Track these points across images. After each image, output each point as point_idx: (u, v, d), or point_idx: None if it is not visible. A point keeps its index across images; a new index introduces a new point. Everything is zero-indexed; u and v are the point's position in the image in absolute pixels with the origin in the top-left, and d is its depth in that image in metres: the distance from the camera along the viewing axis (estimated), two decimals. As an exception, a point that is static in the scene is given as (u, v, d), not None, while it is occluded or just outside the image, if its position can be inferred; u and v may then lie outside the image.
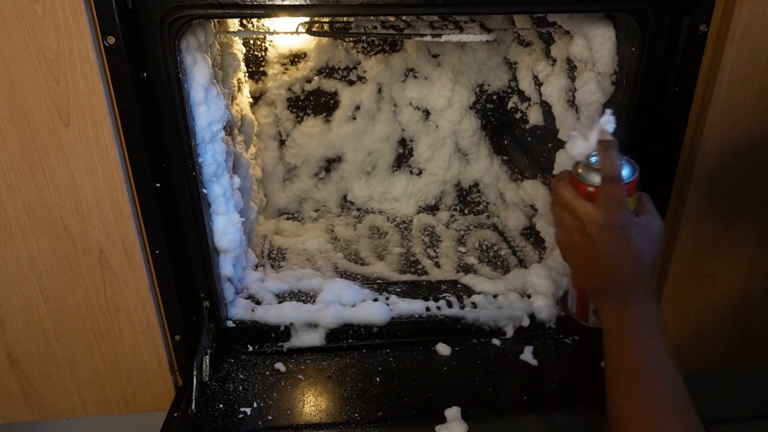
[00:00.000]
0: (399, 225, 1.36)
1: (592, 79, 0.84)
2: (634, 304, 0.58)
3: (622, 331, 0.58)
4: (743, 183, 0.78)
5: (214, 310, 0.84)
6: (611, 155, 0.59)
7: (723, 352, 0.92)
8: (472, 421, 0.74)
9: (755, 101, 0.73)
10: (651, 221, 0.61)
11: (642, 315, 0.58)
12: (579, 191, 0.61)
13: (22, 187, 0.70)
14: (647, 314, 0.58)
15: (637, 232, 0.58)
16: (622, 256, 0.58)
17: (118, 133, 0.69)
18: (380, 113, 1.35)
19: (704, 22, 0.70)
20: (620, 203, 0.58)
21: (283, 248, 1.24)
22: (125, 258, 0.75)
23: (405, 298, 0.97)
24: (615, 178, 0.58)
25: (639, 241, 0.58)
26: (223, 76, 1.00)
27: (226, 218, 0.84)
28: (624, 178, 0.59)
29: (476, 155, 1.41)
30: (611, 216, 0.58)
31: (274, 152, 1.37)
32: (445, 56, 1.30)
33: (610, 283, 0.59)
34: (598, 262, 0.59)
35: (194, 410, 0.77)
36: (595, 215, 0.59)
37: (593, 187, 0.60)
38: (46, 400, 0.84)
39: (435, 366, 0.86)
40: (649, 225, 0.60)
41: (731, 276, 0.85)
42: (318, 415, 0.77)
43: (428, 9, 0.70)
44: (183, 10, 0.66)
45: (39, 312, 0.78)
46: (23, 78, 0.64)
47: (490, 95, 1.35)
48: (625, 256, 0.58)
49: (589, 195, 0.60)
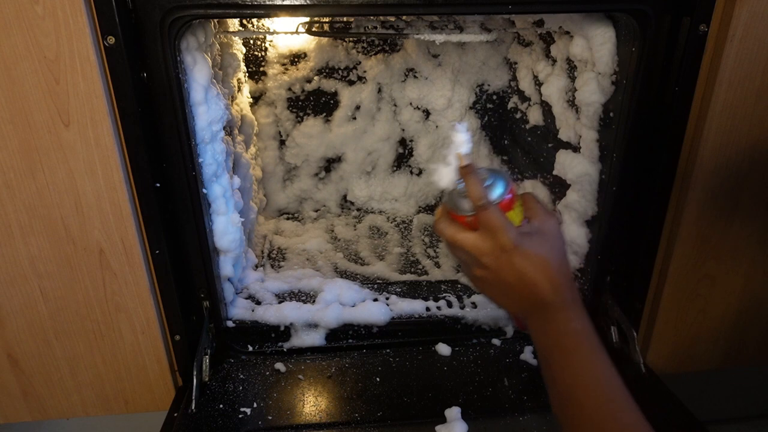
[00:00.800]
0: (399, 225, 1.36)
1: (592, 79, 0.84)
2: (560, 317, 0.55)
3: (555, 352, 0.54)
4: (743, 183, 0.78)
5: (214, 310, 0.84)
6: (474, 181, 0.57)
7: (723, 352, 0.92)
8: (472, 421, 0.74)
9: (755, 101, 0.73)
10: (544, 223, 0.58)
11: (572, 326, 0.54)
12: (460, 223, 0.59)
13: (22, 187, 0.70)
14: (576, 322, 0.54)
15: (532, 243, 0.56)
16: (527, 273, 0.55)
17: (118, 133, 0.69)
18: (380, 113, 1.35)
19: (704, 22, 0.70)
20: (501, 226, 0.55)
21: (283, 248, 1.24)
22: (125, 258, 0.75)
23: (405, 298, 0.97)
24: (485, 205, 0.56)
25: (539, 250, 0.55)
26: (223, 76, 1.00)
27: (226, 218, 0.84)
28: (496, 198, 0.57)
29: (476, 155, 1.41)
30: (498, 241, 0.55)
31: (274, 152, 1.37)
32: (445, 56, 1.30)
33: (529, 300, 0.56)
34: (507, 288, 0.56)
35: (194, 410, 0.77)
36: (483, 245, 0.56)
37: (470, 216, 0.57)
38: (46, 400, 0.84)
39: (435, 366, 0.86)
40: (543, 227, 0.58)
41: (731, 276, 0.85)
42: (318, 415, 0.77)
43: (428, 9, 0.70)
44: (183, 10, 0.66)
45: (39, 312, 0.78)
46: (23, 78, 0.64)
47: (490, 95, 1.35)
48: (531, 273, 0.55)
49: (471, 224, 0.58)
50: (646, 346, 0.89)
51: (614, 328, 0.86)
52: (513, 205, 0.59)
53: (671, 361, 0.91)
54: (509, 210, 0.58)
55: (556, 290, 0.55)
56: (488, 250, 0.56)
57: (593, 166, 0.87)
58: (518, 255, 0.55)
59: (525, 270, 0.55)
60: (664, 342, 0.89)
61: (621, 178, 0.81)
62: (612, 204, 0.83)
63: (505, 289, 0.57)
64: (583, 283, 0.93)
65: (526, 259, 0.55)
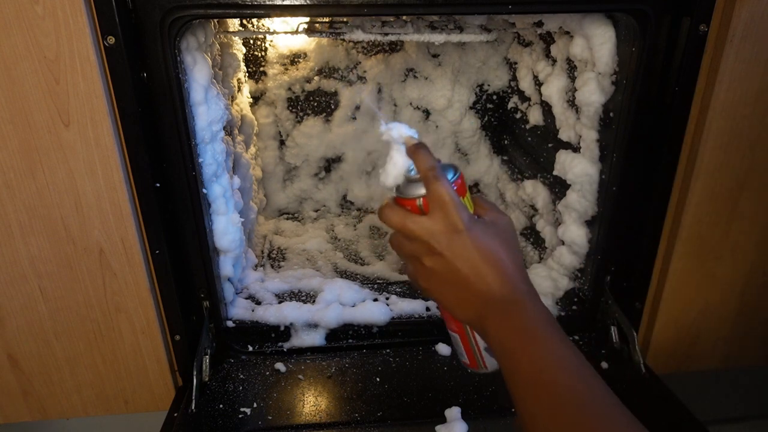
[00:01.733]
0: (399, 225, 1.36)
1: (592, 79, 0.84)
2: (518, 309, 0.50)
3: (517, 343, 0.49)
4: (743, 183, 0.78)
5: (214, 310, 0.84)
6: (425, 153, 0.53)
7: (723, 352, 0.92)
8: (472, 421, 0.74)
9: (755, 101, 0.73)
10: (497, 218, 0.55)
11: (532, 316, 0.50)
12: (410, 210, 0.54)
13: (22, 187, 0.70)
14: (536, 313, 0.50)
15: (486, 232, 0.52)
16: (483, 260, 0.51)
17: (118, 133, 0.69)
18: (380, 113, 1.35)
19: (704, 22, 0.70)
20: (455, 203, 0.51)
21: (283, 248, 1.24)
22: (125, 258, 0.75)
23: (405, 298, 0.97)
24: (437, 176, 0.52)
25: (492, 240, 0.52)
26: (223, 76, 1.00)
27: (226, 218, 0.84)
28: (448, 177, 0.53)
29: (476, 155, 1.41)
30: (452, 219, 0.51)
31: (274, 152, 1.37)
32: (445, 56, 1.30)
33: (484, 297, 0.51)
34: (460, 279, 0.51)
35: (194, 410, 0.77)
36: (434, 226, 0.52)
37: (421, 198, 0.53)
38: (46, 400, 0.84)
39: (435, 366, 0.86)
40: (497, 222, 0.54)
41: (731, 276, 0.85)
42: (318, 415, 0.77)
43: (428, 9, 0.70)
44: (183, 10, 0.66)
45: (39, 312, 0.78)
46: (23, 78, 0.64)
47: (490, 95, 1.35)
48: (486, 260, 0.51)
49: (421, 209, 0.53)
50: (646, 346, 0.89)
51: (614, 328, 0.86)
52: (464, 194, 0.55)
53: (671, 361, 0.91)
54: (461, 196, 0.54)
55: (513, 282, 0.51)
56: (440, 230, 0.51)
57: (593, 166, 0.87)
58: (471, 239, 0.51)
59: (477, 256, 0.51)
60: (664, 342, 0.89)
61: (621, 178, 0.81)
62: (612, 204, 0.83)
63: (456, 281, 0.52)
64: (583, 283, 0.93)
65: (479, 247, 0.51)
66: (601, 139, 0.85)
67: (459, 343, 0.59)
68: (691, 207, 0.79)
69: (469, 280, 0.51)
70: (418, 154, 0.53)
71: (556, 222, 1.00)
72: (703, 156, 0.76)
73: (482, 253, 0.51)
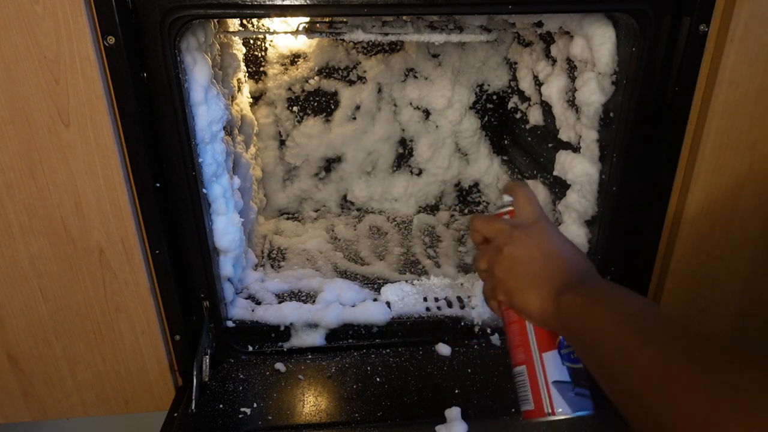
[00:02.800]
0: (399, 225, 1.36)
1: (592, 79, 0.84)
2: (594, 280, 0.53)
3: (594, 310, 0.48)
4: (743, 183, 0.78)
5: (214, 310, 0.84)
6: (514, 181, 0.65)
7: (723, 352, 0.91)
8: (472, 421, 0.74)
9: (755, 101, 0.73)
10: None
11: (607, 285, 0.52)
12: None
13: (22, 187, 0.70)
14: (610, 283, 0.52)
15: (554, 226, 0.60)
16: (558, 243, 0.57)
17: (118, 133, 0.69)
18: (380, 113, 1.35)
19: (704, 22, 0.69)
20: (536, 200, 0.61)
21: (283, 248, 1.24)
22: (125, 258, 0.75)
23: (405, 298, 0.97)
24: (522, 183, 0.61)
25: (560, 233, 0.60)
26: (223, 76, 1.00)
27: (226, 218, 0.84)
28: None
29: (476, 155, 1.41)
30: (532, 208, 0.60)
31: (274, 152, 1.37)
32: (445, 56, 1.30)
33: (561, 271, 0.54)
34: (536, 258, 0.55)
35: (194, 410, 0.77)
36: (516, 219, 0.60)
37: (507, 212, 0.62)
38: (46, 400, 0.84)
39: (435, 366, 0.86)
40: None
41: (731, 276, 0.85)
42: (318, 415, 0.77)
43: (428, 9, 0.70)
44: (183, 10, 0.66)
45: (39, 312, 0.78)
46: (23, 78, 0.64)
47: (490, 95, 1.35)
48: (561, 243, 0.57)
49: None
50: (646, 346, 0.89)
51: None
52: None
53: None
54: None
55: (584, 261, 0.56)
56: (520, 221, 0.59)
57: (593, 166, 0.87)
58: (548, 226, 0.58)
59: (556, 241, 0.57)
60: (664, 342, 0.89)
61: (621, 178, 0.81)
62: (612, 204, 0.83)
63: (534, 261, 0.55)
64: (583, 283, 0.93)
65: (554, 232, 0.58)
66: (601, 139, 0.85)
67: (525, 378, 0.56)
68: (691, 207, 0.79)
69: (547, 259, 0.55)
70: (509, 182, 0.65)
71: (556, 222, 1.00)
72: (703, 156, 0.76)
73: (557, 237, 0.58)
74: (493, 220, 0.61)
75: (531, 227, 0.58)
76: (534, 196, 0.62)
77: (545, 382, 0.54)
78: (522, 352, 0.57)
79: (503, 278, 0.57)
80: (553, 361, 0.55)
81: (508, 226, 0.59)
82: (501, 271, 0.58)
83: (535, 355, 0.56)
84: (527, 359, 0.56)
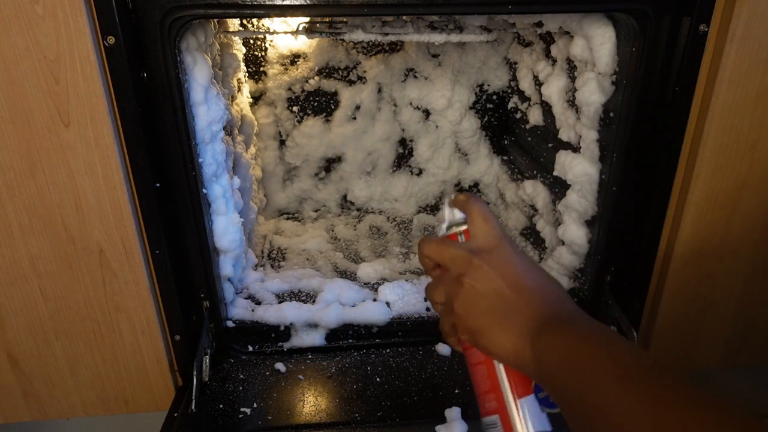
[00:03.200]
0: (399, 225, 1.36)
1: (592, 79, 0.84)
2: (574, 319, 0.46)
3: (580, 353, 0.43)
4: (743, 183, 0.78)
5: (214, 310, 0.84)
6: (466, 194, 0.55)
7: (723, 352, 0.92)
8: (472, 421, 0.74)
9: (755, 101, 0.73)
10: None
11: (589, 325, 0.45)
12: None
13: (22, 187, 0.70)
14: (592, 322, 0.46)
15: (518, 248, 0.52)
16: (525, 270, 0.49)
17: (118, 133, 0.69)
18: (380, 113, 1.35)
19: (704, 22, 0.70)
20: (494, 217, 0.53)
21: (283, 248, 1.24)
22: (125, 258, 0.75)
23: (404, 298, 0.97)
24: (477, 198, 0.53)
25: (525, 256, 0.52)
26: (223, 76, 1.00)
27: (226, 218, 0.84)
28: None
29: (476, 155, 1.41)
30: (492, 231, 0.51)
31: (274, 152, 1.37)
32: (445, 56, 1.30)
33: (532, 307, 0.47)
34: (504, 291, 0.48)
35: (194, 410, 0.77)
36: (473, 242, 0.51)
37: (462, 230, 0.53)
38: (46, 400, 0.84)
39: (435, 366, 0.86)
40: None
41: (731, 276, 0.85)
42: (318, 415, 0.77)
43: (428, 9, 0.70)
44: (183, 10, 0.66)
45: (39, 312, 0.78)
46: (23, 78, 0.64)
47: (490, 95, 1.35)
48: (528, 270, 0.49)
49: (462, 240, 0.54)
50: (646, 346, 0.89)
51: (614, 328, 0.86)
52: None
53: (671, 361, 0.91)
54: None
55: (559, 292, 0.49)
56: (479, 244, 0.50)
57: (593, 166, 0.87)
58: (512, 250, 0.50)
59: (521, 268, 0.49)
60: (664, 342, 0.89)
61: (621, 178, 0.81)
62: (612, 204, 0.83)
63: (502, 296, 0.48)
64: (583, 283, 0.93)
65: (519, 258, 0.50)
66: (601, 139, 0.85)
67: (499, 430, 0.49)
68: (691, 207, 0.79)
69: (515, 289, 0.48)
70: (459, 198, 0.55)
71: (556, 222, 1.00)
72: (703, 156, 0.76)
73: (523, 262, 0.50)
74: (446, 245, 0.53)
75: (492, 252, 0.50)
76: (490, 213, 0.53)
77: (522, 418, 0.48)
78: (493, 399, 0.49)
79: (465, 315, 0.50)
80: (532, 408, 0.48)
81: (465, 251, 0.51)
82: (462, 306, 0.50)
83: (509, 402, 0.48)
84: (500, 407, 0.49)
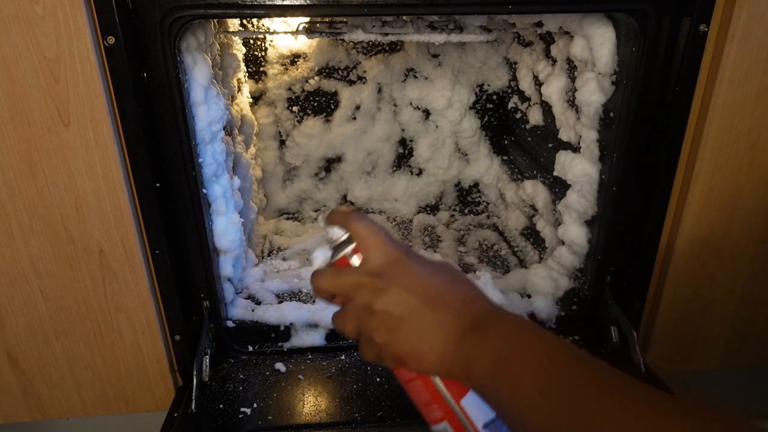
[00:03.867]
0: (399, 225, 1.36)
1: (592, 79, 0.84)
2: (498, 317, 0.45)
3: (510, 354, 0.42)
4: (743, 183, 0.78)
5: (214, 310, 0.84)
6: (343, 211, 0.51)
7: (723, 352, 0.92)
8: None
9: (755, 101, 0.73)
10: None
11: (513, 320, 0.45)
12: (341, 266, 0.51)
13: (22, 187, 0.70)
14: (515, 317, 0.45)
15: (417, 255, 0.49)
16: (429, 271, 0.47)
17: (118, 133, 0.69)
18: (380, 113, 1.35)
19: (704, 22, 0.70)
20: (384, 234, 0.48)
21: (283, 248, 1.24)
22: (125, 258, 0.75)
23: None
24: (359, 215, 0.49)
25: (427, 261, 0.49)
26: (223, 76, 1.00)
27: (226, 218, 0.84)
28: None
29: (476, 155, 1.41)
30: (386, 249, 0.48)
31: (274, 152, 1.37)
32: (445, 56, 1.30)
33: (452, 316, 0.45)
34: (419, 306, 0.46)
35: (194, 410, 0.77)
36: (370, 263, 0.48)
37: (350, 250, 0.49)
38: (46, 400, 0.84)
39: (435, 366, 0.86)
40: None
41: (731, 276, 0.85)
42: (318, 415, 0.77)
43: (428, 9, 0.70)
44: (183, 10, 0.66)
45: (39, 312, 0.78)
46: (23, 78, 0.64)
47: (490, 95, 1.35)
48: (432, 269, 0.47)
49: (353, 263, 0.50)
50: (646, 346, 0.89)
51: (614, 328, 0.86)
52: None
53: (671, 361, 0.91)
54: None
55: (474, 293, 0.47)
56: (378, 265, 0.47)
57: (593, 166, 0.87)
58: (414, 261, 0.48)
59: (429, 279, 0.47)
60: (664, 342, 0.89)
61: (621, 178, 0.81)
62: (612, 204, 0.83)
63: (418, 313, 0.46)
64: (583, 283, 0.93)
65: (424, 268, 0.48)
66: (601, 139, 0.85)
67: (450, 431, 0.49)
68: (691, 207, 0.79)
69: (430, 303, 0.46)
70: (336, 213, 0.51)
71: (556, 222, 1.00)
72: (703, 156, 0.76)
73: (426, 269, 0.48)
74: (341, 275, 0.49)
75: (393, 269, 0.47)
76: (376, 225, 0.49)
77: (474, 430, 0.48)
78: (437, 408, 0.50)
79: (388, 344, 0.47)
80: (474, 404, 0.48)
81: (365, 276, 0.47)
82: (382, 336, 0.47)
83: (453, 406, 0.49)
84: (446, 414, 0.49)
